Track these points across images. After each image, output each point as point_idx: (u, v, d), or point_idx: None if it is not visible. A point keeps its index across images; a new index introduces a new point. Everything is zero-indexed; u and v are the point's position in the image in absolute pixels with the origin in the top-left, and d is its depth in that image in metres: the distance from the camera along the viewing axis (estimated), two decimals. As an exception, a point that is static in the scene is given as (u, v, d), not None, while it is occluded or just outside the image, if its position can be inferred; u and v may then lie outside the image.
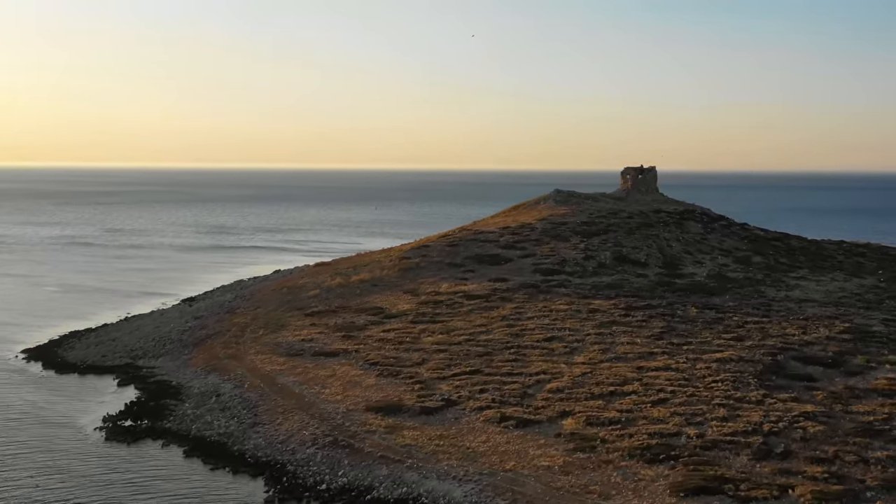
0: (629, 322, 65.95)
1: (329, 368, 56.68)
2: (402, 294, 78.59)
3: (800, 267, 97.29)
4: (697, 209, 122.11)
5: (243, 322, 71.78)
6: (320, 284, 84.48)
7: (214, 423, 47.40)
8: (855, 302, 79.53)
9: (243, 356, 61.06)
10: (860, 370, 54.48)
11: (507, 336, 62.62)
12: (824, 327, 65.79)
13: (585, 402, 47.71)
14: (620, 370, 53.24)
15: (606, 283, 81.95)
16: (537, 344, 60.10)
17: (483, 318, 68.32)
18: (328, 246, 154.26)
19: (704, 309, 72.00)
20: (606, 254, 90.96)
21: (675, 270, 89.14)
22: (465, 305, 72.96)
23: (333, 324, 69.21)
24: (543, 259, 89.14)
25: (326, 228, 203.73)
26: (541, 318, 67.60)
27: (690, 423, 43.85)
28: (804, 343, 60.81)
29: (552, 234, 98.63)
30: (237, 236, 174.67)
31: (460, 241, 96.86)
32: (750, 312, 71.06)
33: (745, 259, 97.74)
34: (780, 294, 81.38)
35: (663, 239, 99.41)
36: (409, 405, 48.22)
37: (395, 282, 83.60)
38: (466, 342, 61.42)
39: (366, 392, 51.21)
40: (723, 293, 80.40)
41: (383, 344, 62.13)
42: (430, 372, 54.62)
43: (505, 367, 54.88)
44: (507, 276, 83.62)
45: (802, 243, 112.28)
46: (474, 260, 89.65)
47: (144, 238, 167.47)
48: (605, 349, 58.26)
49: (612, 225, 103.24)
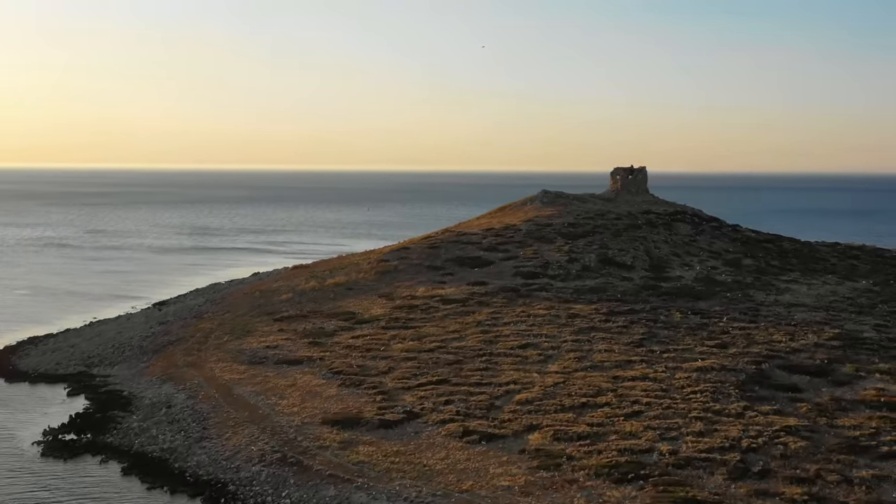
0: (609, 328, 63.14)
1: (290, 377, 53.86)
2: (377, 298, 75.77)
3: (791, 270, 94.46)
4: (688, 210, 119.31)
5: (209, 327, 68.93)
6: (294, 288, 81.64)
7: (159, 437, 44.51)
8: (847, 306, 76.70)
9: (203, 364, 58.22)
10: (848, 380, 51.69)
11: (480, 343, 59.79)
12: (813, 333, 63.02)
13: (555, 414, 44.88)
14: (595, 380, 50.42)
15: (589, 286, 79.12)
16: (511, 351, 57.27)
17: (457, 324, 65.49)
18: (312, 248, 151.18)
19: (689, 314, 69.21)
20: (591, 256, 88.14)
21: (661, 273, 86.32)
22: (441, 310, 70.11)
23: (302, 329, 66.37)
24: (526, 262, 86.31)
25: (314, 230, 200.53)
26: (517, 324, 64.80)
27: (664, 438, 41.03)
28: (791, 350, 58.00)
29: (536, 236, 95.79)
30: (221, 238, 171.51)
31: (441, 243, 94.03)
32: (736, 318, 68.27)
33: (735, 262, 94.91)
34: (769, 298, 78.57)
35: (651, 241, 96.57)
36: (368, 418, 45.38)
37: (371, 285, 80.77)
38: (437, 349, 58.58)
39: (325, 403, 48.37)
40: (710, 297, 77.60)
41: (350, 351, 59.30)
42: (395, 382, 51.79)
43: (474, 377, 52.05)
44: (487, 279, 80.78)
45: (795, 245, 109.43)
46: (454, 262, 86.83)
47: (125, 240, 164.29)
48: (581, 357, 55.44)
49: (598, 227, 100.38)
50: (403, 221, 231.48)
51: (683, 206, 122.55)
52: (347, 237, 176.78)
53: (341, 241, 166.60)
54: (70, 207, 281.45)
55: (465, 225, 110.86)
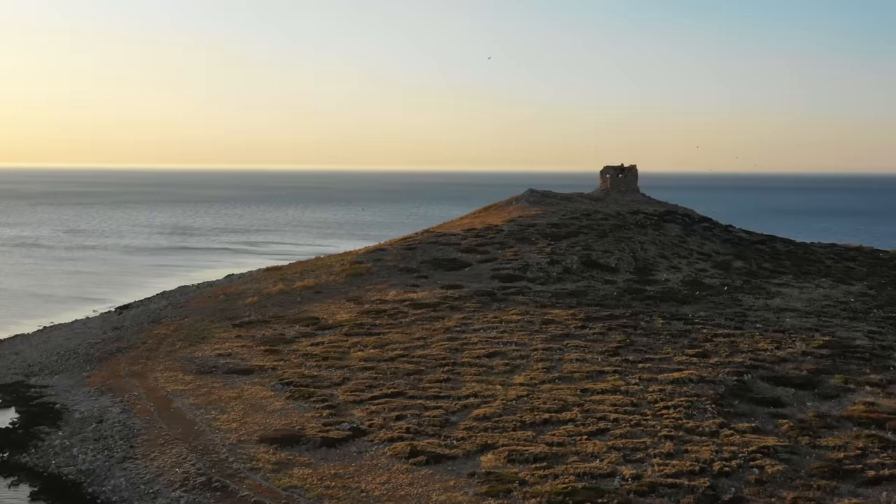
0: (584, 335, 59.39)
1: (237, 388, 50.14)
2: (345, 302, 72.08)
3: (784, 272, 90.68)
4: (679, 210, 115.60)
5: (164, 333, 65.25)
6: (260, 291, 77.96)
7: (80, 456, 40.74)
8: (839, 311, 72.95)
9: (148, 373, 54.52)
10: (836, 392, 47.93)
11: (445, 351, 56.04)
12: (801, 341, 59.25)
13: (513, 432, 41.11)
14: (562, 393, 46.66)
15: (569, 290, 75.37)
16: (476, 361, 53.50)
17: (424, 331, 61.77)
18: (293, 248, 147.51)
19: (672, 320, 65.49)
20: (573, 258, 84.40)
21: (646, 276, 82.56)
22: (410, 316, 66.43)
23: (261, 336, 62.69)
24: (505, 264, 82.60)
25: (298, 230, 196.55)
26: (487, 331, 61.07)
27: (629, 460, 37.26)
28: (776, 360, 54.23)
29: (518, 237, 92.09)
30: (201, 238, 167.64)
31: (419, 245, 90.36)
32: (721, 324, 64.53)
33: (725, 264, 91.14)
34: (757, 302, 74.79)
35: (637, 242, 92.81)
36: (310, 435, 41.63)
37: (340, 288, 77.08)
38: (398, 358, 54.84)
39: (267, 418, 44.65)
40: (695, 302, 73.89)
41: (306, 360, 55.58)
42: (347, 394, 48.06)
43: (433, 389, 48.30)
44: (463, 282, 77.10)
45: (789, 247, 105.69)
46: (430, 265, 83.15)
47: (102, 239, 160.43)
48: (550, 367, 51.69)
49: (583, 227, 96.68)
50: (392, 221, 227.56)
51: (675, 206, 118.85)
52: (331, 237, 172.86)
53: (324, 241, 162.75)
54: (61, 207, 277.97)
55: (447, 225, 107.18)
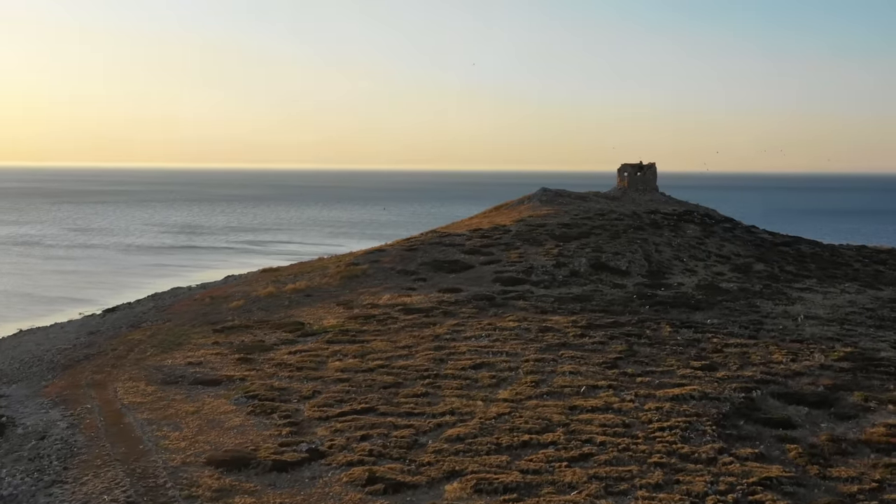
0: (582, 344, 54.95)
1: (199, 402, 46.25)
2: (335, 307, 68.15)
3: (807, 276, 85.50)
4: (700, 210, 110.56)
5: (138, 339, 61.64)
6: (249, 294, 74.26)
7: (5, 479, 36.96)
8: (865, 319, 67.82)
9: (109, 383, 50.81)
10: (854, 412, 43.12)
11: (429, 362, 51.85)
12: (820, 352, 54.40)
13: (486, 457, 36.82)
14: (547, 410, 42.29)
15: (575, 294, 70.88)
16: (460, 373, 49.26)
17: (412, 338, 57.63)
18: (301, 248, 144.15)
19: (681, 328, 60.83)
20: (582, 260, 79.86)
21: (659, 280, 77.83)
22: (400, 321, 62.36)
23: (239, 343, 58.89)
24: (508, 266, 78.27)
25: (312, 229, 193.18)
26: (479, 339, 56.80)
27: (610, 491, 32.86)
28: (791, 374, 49.47)
29: (525, 238, 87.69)
30: (209, 237, 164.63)
31: (421, 245, 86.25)
32: (734, 332, 59.78)
33: (745, 267, 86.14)
34: (776, 309, 69.85)
35: (652, 244, 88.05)
36: (262, 457, 37.59)
37: (333, 292, 73.17)
38: (378, 369, 50.73)
39: (221, 436, 40.69)
40: (709, 308, 69.09)
41: (279, 370, 51.62)
42: (314, 409, 44.00)
43: (408, 404, 44.13)
44: (462, 285, 72.88)
45: (815, 249, 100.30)
46: (430, 267, 79.01)
47: (107, 238, 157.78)
48: (539, 381, 47.31)
49: (596, 227, 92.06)
50: (409, 221, 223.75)
51: (695, 206, 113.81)
52: (343, 237, 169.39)
53: (335, 241, 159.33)
54: (79, 205, 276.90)
55: (454, 225, 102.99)
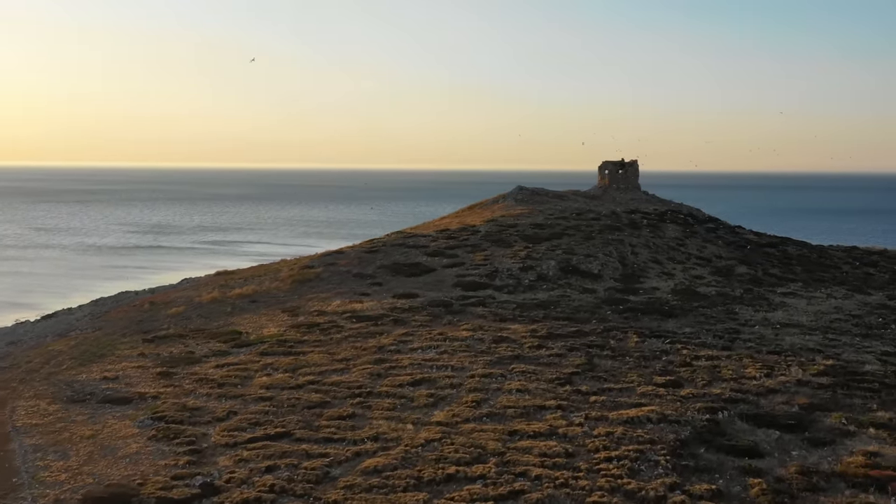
0: (538, 357, 50.06)
1: (100, 424, 41.36)
2: (280, 314, 63.27)
3: (792, 279, 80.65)
4: (683, 210, 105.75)
5: (59, 350, 56.71)
6: (192, 300, 69.36)
7: None
8: (850, 327, 63.01)
9: (10, 401, 45.90)
10: (831, 437, 38.22)
11: (366, 377, 46.95)
12: (798, 366, 49.54)
13: (402, 494, 31.92)
14: (484, 436, 37.40)
15: (539, 300, 66.00)
16: (396, 390, 44.36)
17: (353, 350, 52.73)
18: (270, 249, 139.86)
19: (650, 337, 55.97)
20: (551, 263, 74.96)
21: (632, 284, 72.95)
22: (345, 331, 57.47)
23: (167, 355, 53.96)
24: (472, 269, 73.39)
25: (288, 229, 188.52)
26: (426, 351, 51.91)
27: (537, 540, 28.03)
28: (764, 391, 44.61)
29: (494, 239, 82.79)
30: (177, 237, 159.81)
31: (382, 247, 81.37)
32: (707, 343, 54.91)
33: (727, 270, 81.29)
34: (756, 316, 65.00)
35: (628, 245, 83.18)
36: (146, 493, 32.70)
37: (281, 297, 68.29)
38: (306, 386, 45.80)
39: (110, 467, 35.79)
40: (684, 315, 64.24)
41: (199, 386, 46.70)
42: (223, 434, 39.08)
43: (329, 428, 39.22)
44: (420, 290, 68.00)
45: (802, 250, 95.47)
46: (389, 270, 74.10)
47: (68, 238, 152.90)
48: (481, 400, 42.42)
49: (570, 228, 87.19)
50: (392, 220, 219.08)
51: (679, 205, 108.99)
52: (316, 237, 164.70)
53: (307, 241, 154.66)
54: (56, 205, 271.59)
55: (423, 226, 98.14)
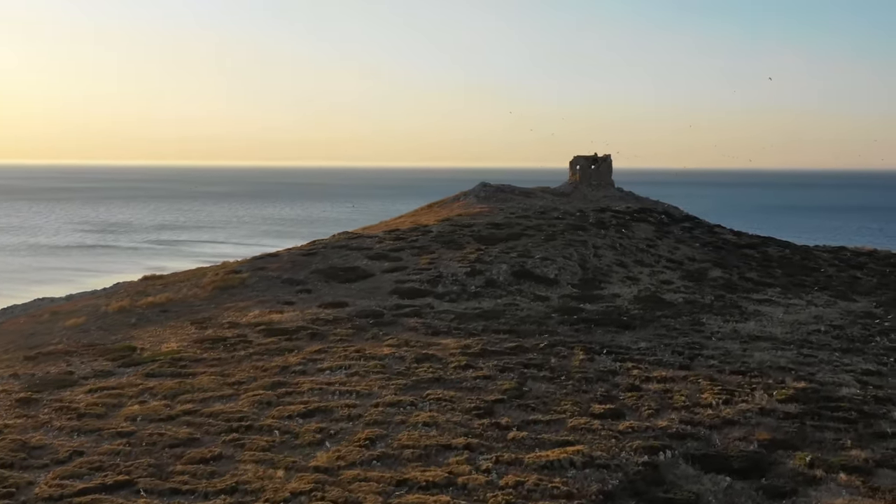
0: (461, 380, 42.98)
1: (-84, 468, 34.23)
2: (188, 326, 56.23)
3: (771, 284, 73.70)
4: (659, 208, 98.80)
5: (-78, 370, 49.62)
6: (97, 310, 62.29)
7: None
8: (830, 340, 55.95)
9: None
10: (793, 486, 31.19)
11: (253, 405, 39.85)
12: (764, 389, 42.56)
13: (233, 574, 24.96)
14: (365, 488, 30.34)
15: (483, 309, 58.96)
16: (281, 423, 37.29)
17: (253, 370, 45.65)
18: (219, 249, 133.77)
19: (600, 353, 48.96)
20: (502, 267, 67.96)
21: (591, 291, 65.97)
22: (253, 346, 50.41)
23: (41, 376, 46.80)
24: (414, 274, 66.40)
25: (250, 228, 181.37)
26: (334, 372, 44.85)
27: None
28: (719, 423, 37.62)
29: (445, 240, 75.79)
30: (133, 235, 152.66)
31: (322, 249, 74.35)
32: (664, 361, 47.89)
33: (699, 273, 74.34)
34: (725, 327, 58.02)
35: (592, 247, 76.18)
36: (-86, 572, 25.71)
37: (196, 306, 61.27)
38: (179, 418, 38.67)
39: None
40: (644, 326, 57.25)
41: (56, 417, 39.54)
42: (52, 484, 31.91)
43: (181, 476, 32.12)
44: (352, 298, 61.00)
45: (784, 251, 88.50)
46: (322, 275, 67.08)
47: (11, 237, 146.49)
48: (378, 437, 35.35)
49: (530, 228, 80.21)
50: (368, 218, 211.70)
51: (655, 203, 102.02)
52: (274, 237, 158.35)
53: (262, 241, 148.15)
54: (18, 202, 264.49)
55: (376, 226, 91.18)
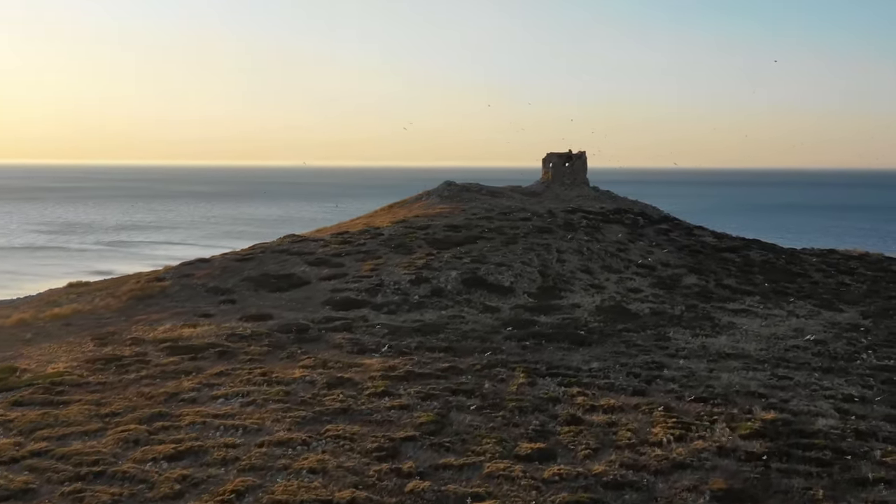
0: (373, 411, 36.79)
1: None
2: (88, 342, 49.93)
3: (750, 292, 67.51)
4: (635, 208, 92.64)
5: None
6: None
7: None
8: (810, 357, 49.76)
9: None
10: (746, 557, 25.10)
11: (118, 444, 33.57)
12: (726, 421, 36.35)
13: None
14: (205, 563, 24.15)
15: (424, 322, 52.73)
16: (139, 469, 31.01)
17: (136, 398, 39.41)
18: (169, 251, 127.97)
19: (544, 376, 42.85)
20: (452, 274, 61.73)
21: (549, 301, 59.76)
22: (150, 367, 44.17)
23: None
24: (353, 282, 60.20)
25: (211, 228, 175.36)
26: (229, 400, 38.62)
27: None
28: (667, 467, 31.37)
29: (396, 244, 69.54)
30: (88, 236, 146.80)
31: (259, 254, 68.11)
32: (616, 385, 41.74)
33: (672, 280, 68.14)
34: (693, 343, 51.79)
35: (555, 251, 69.95)
36: None
37: (105, 319, 55.00)
38: (24, 460, 32.36)
39: None
40: (602, 341, 51.04)
41: None
42: None
43: (-12, 544, 26.00)
44: (280, 309, 54.79)
45: (767, 255, 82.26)
46: (252, 283, 60.85)
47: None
48: (250, 488, 29.11)
49: (491, 230, 74.01)
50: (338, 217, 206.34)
51: (632, 203, 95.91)
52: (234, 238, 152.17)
53: (219, 242, 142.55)
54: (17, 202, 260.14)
55: (329, 228, 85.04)
